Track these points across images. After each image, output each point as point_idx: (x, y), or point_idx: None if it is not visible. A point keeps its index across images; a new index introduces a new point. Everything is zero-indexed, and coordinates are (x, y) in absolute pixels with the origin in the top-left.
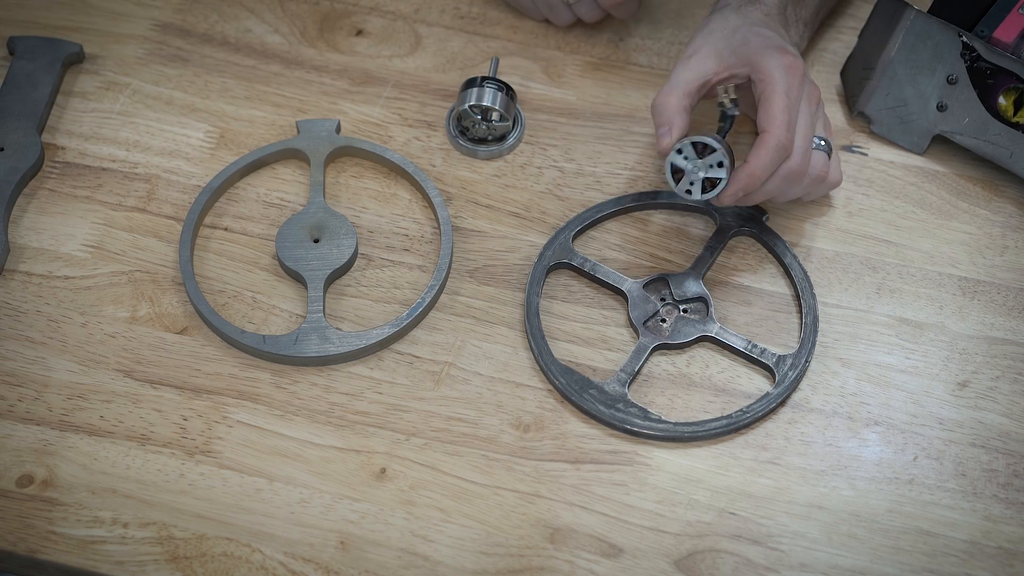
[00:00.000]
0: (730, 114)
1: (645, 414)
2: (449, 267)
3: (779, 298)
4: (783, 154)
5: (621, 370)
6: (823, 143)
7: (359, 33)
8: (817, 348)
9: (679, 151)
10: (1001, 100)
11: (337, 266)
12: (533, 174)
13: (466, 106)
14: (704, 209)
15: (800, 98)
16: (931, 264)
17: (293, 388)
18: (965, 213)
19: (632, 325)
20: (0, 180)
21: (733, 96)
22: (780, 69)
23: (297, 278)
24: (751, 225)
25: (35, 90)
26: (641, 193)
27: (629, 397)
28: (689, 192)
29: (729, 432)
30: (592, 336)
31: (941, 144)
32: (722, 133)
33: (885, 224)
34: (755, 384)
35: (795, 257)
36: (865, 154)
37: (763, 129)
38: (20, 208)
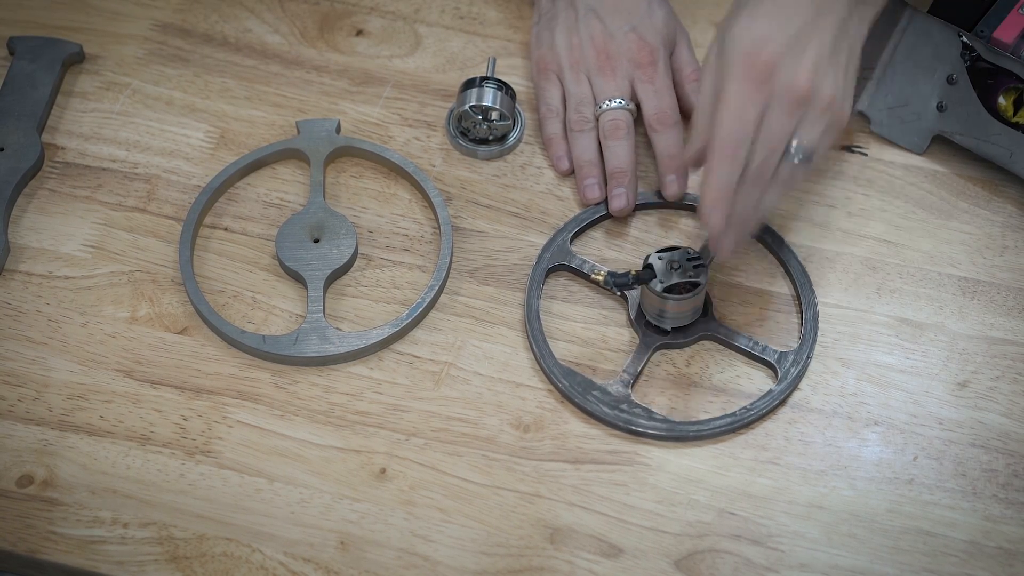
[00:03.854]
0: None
1: (649, 414)
2: (449, 267)
3: (779, 298)
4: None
5: (624, 371)
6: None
7: (359, 33)
8: (817, 348)
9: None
10: (1001, 100)
11: (337, 266)
12: (533, 174)
13: (467, 107)
14: None
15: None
16: (931, 264)
17: (293, 388)
18: (965, 213)
19: (632, 325)
20: (0, 180)
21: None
22: None
23: (297, 278)
24: None
25: (35, 90)
26: (641, 192)
27: (633, 398)
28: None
29: (734, 430)
30: (592, 336)
31: (941, 144)
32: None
33: (885, 224)
34: (755, 384)
35: (795, 257)
36: (865, 154)
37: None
38: (20, 208)
